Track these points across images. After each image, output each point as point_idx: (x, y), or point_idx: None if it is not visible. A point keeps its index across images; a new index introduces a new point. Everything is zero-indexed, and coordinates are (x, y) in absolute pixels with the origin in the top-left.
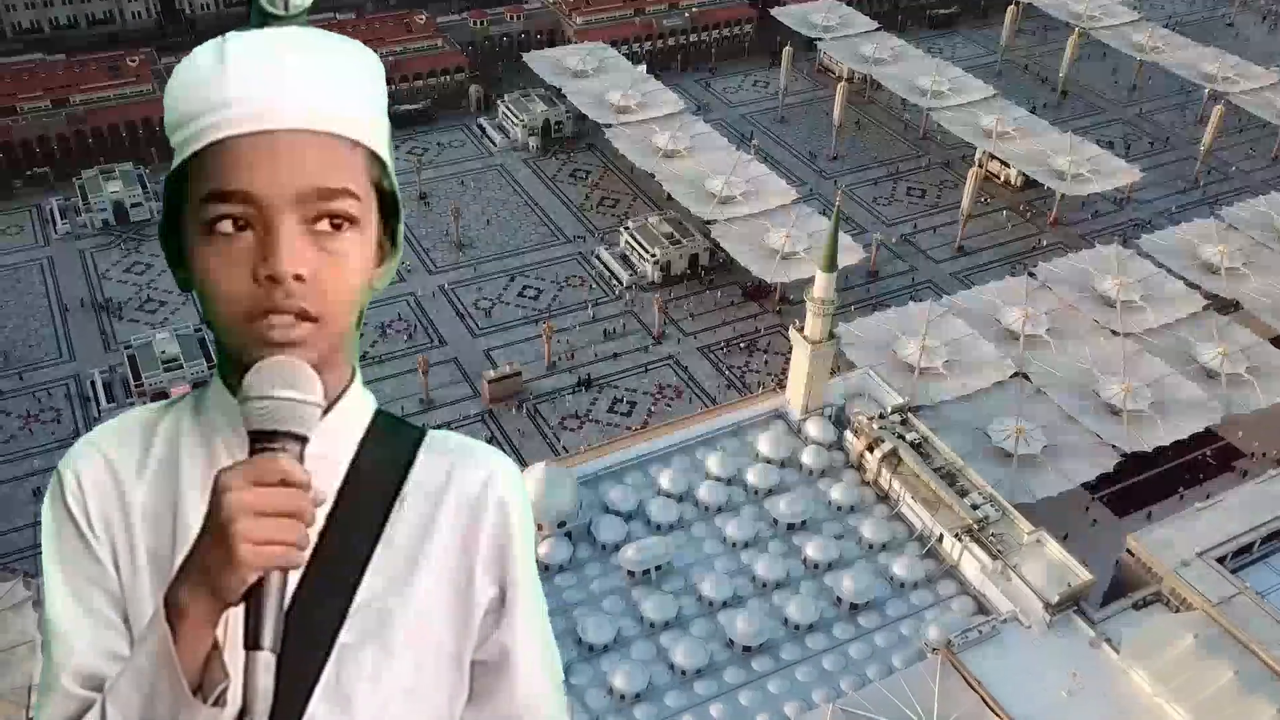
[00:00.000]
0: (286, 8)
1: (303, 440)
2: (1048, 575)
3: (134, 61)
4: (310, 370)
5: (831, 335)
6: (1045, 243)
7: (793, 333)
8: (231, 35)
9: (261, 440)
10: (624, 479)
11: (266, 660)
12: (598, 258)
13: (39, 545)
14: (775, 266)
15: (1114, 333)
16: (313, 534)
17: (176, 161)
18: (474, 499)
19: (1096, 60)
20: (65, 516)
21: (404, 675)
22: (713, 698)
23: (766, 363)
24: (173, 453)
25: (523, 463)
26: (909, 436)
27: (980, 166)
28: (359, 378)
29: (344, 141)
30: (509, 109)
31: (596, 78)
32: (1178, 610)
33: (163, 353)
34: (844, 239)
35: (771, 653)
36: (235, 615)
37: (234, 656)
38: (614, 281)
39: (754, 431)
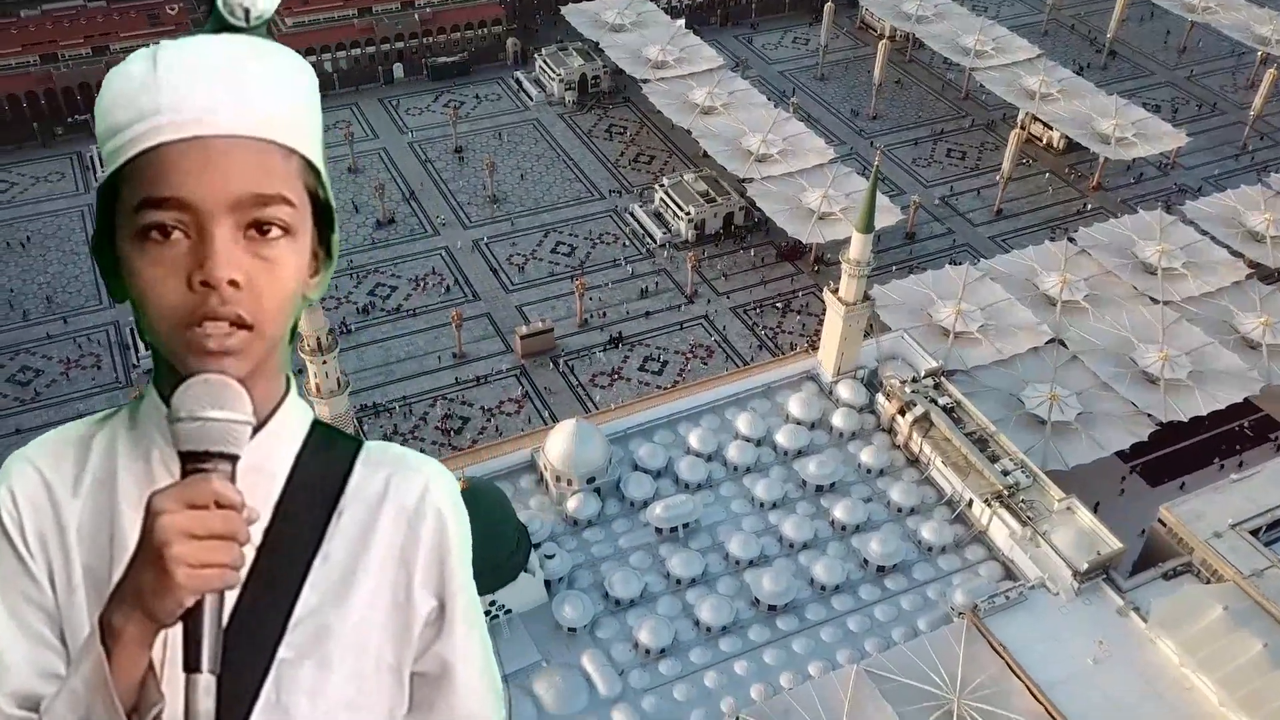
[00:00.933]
0: (247, 19)
1: (234, 459)
2: (1077, 543)
3: (173, 10)
4: (239, 388)
5: (866, 297)
6: (1086, 207)
7: (827, 294)
8: (165, 43)
9: (192, 461)
10: (653, 437)
11: (207, 683)
12: (632, 215)
13: None
14: (811, 226)
15: (1154, 300)
16: (250, 550)
17: (109, 170)
18: (411, 510)
19: (1146, 20)
20: (1, 535)
21: (343, 689)
22: (737, 655)
23: (800, 324)
24: (109, 469)
25: (553, 418)
26: (941, 401)
27: (1022, 128)
28: (294, 389)
29: (278, 149)
30: (546, 63)
31: (635, 32)
32: (1208, 581)
33: None
34: (881, 200)
35: (797, 612)
36: (174, 634)
37: (174, 675)
38: (647, 239)
39: (785, 393)
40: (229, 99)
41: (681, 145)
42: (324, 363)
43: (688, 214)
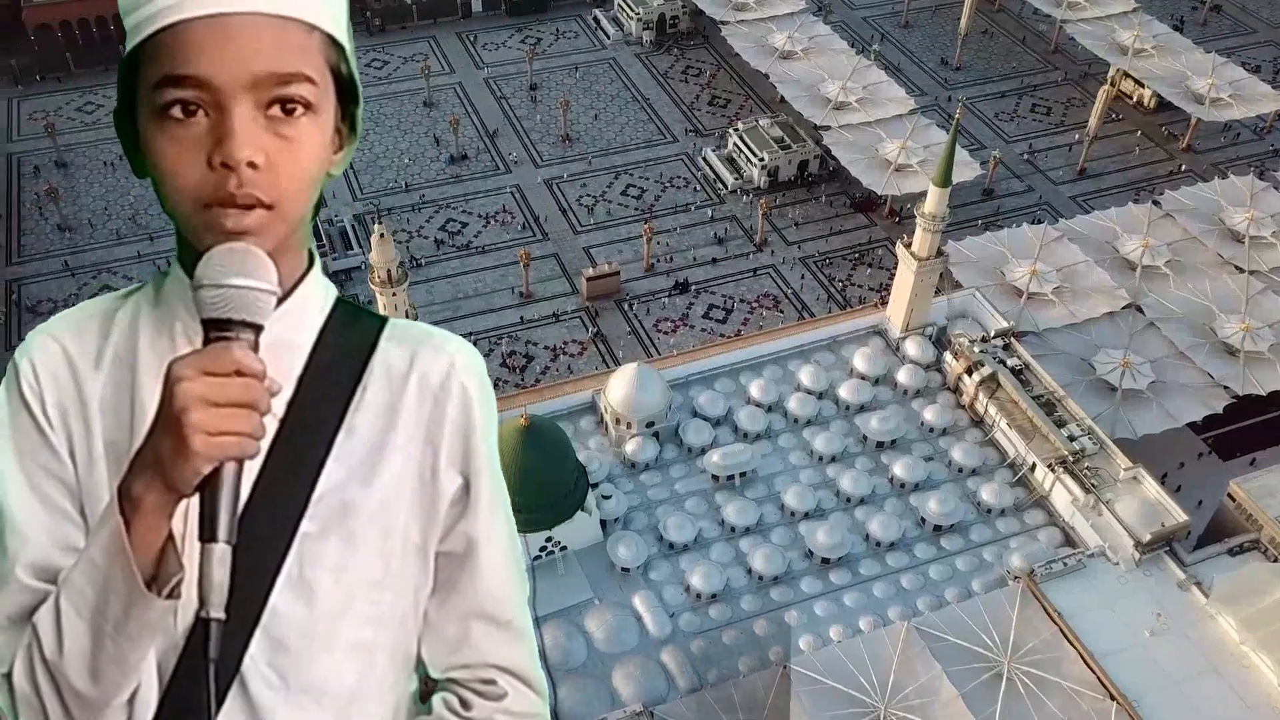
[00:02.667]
0: None
1: (257, 329)
2: (1141, 513)
3: None
4: (263, 256)
5: (939, 253)
6: (1175, 170)
7: (899, 248)
8: None
9: (215, 329)
10: (714, 385)
11: (222, 552)
12: (704, 159)
13: None
14: (887, 178)
15: (1239, 269)
16: (272, 422)
17: (130, 46)
18: (437, 386)
19: None
20: (21, 407)
21: (368, 566)
22: (787, 605)
23: (870, 277)
24: (131, 342)
25: (616, 362)
26: (1010, 362)
27: (1112, 85)
28: (318, 264)
29: (300, 25)
30: (624, 1)
31: None
32: (1276, 560)
33: None
34: (961, 154)
35: (850, 566)
36: (195, 507)
37: (192, 549)
38: (719, 185)
39: (851, 346)
40: None
41: (758, 90)
42: (394, 295)
43: (761, 160)
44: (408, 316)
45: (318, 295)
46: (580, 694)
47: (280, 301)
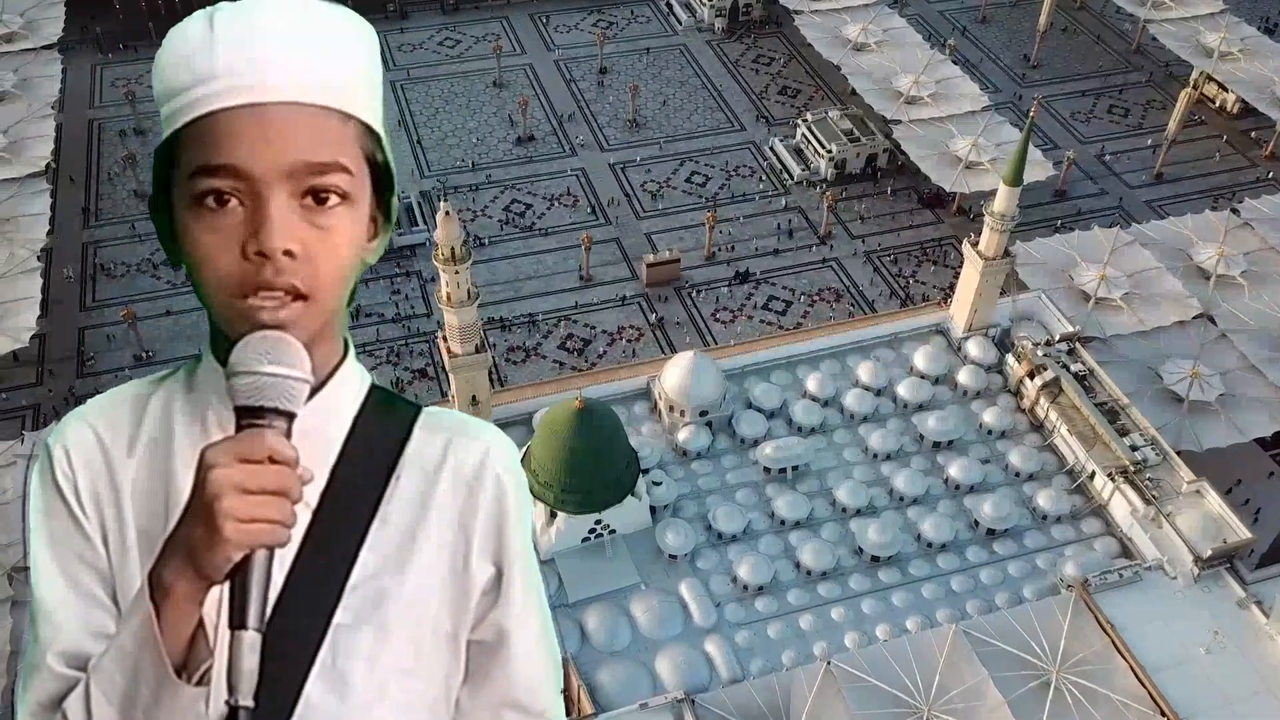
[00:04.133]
0: None
1: (290, 416)
2: (1203, 528)
3: None
4: (297, 344)
5: (1007, 253)
6: (1256, 177)
7: (966, 246)
8: (222, 5)
9: (248, 416)
10: (770, 377)
11: (252, 640)
12: (771, 149)
13: None
14: (957, 175)
15: None
16: (307, 512)
17: (166, 134)
18: (471, 475)
19: None
20: (54, 493)
21: (401, 655)
22: (835, 601)
23: (935, 275)
24: (165, 429)
25: (672, 349)
26: (1074, 367)
27: (1194, 88)
28: (352, 353)
29: (337, 115)
30: None
31: None
32: None
33: None
34: (1034, 153)
35: (900, 566)
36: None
37: (224, 636)
38: (785, 175)
39: (912, 344)
40: (286, 64)
41: (829, 81)
42: (456, 273)
43: (829, 152)
44: (469, 296)
45: (352, 384)
46: (622, 678)
47: (315, 390)
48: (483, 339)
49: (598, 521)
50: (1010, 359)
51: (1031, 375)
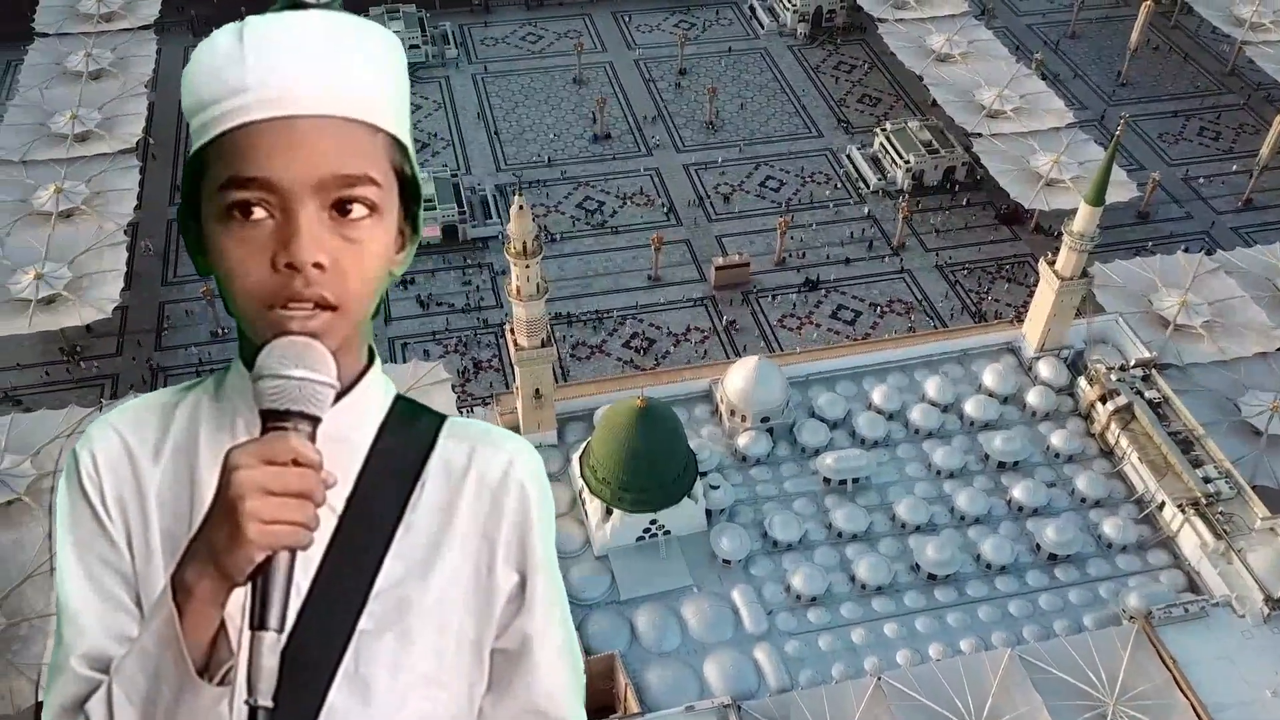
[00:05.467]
0: None
1: (315, 420)
2: (1276, 566)
3: None
4: (323, 349)
5: (1084, 274)
6: None
7: (1043, 265)
8: (251, 19)
9: (273, 420)
10: (835, 387)
11: (272, 641)
12: (848, 157)
13: None
14: (1037, 192)
15: None
16: (332, 519)
17: (195, 146)
18: (495, 484)
19: None
20: (80, 498)
21: (424, 663)
22: (889, 617)
23: (1008, 292)
24: (191, 436)
25: (737, 353)
26: (1148, 394)
27: None
28: (378, 362)
29: (366, 128)
30: None
31: None
32: None
33: None
34: (1118, 173)
35: (957, 585)
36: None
37: (245, 637)
38: (860, 184)
39: (981, 361)
40: (316, 77)
41: (910, 91)
42: (527, 267)
43: (907, 163)
44: (539, 291)
45: (377, 392)
46: (669, 679)
47: (340, 398)
48: (549, 334)
49: (653, 521)
50: (1082, 382)
51: (1104, 400)
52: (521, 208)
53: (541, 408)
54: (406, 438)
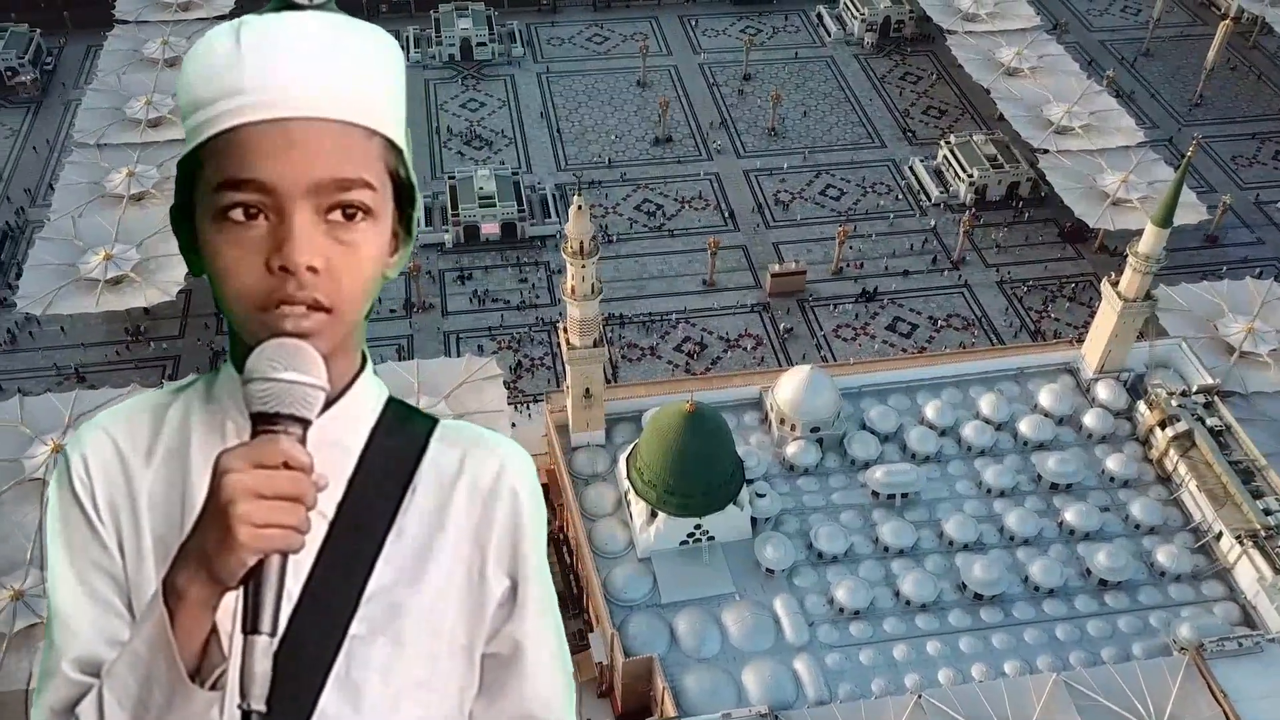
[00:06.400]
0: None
1: (305, 423)
2: None
3: None
4: (313, 352)
5: (1149, 296)
6: None
7: (1106, 285)
8: (248, 19)
9: (263, 423)
10: (888, 400)
11: (265, 645)
12: (910, 169)
13: None
14: (1103, 211)
15: None
16: (323, 523)
17: (189, 147)
18: (487, 489)
19: None
20: (72, 501)
21: (415, 667)
22: (932, 634)
23: (1069, 311)
24: (183, 439)
25: (789, 361)
26: (1210, 421)
27: None
28: (370, 365)
29: (361, 131)
30: (851, 0)
31: None
32: None
33: (480, 189)
34: (1187, 194)
35: (1003, 606)
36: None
37: (238, 641)
38: (922, 196)
39: (1038, 381)
40: (312, 80)
41: (977, 104)
42: (583, 266)
43: (970, 176)
44: (593, 291)
45: (369, 396)
46: (707, 685)
47: (332, 402)
48: (602, 334)
49: (697, 526)
50: (1142, 406)
51: (1163, 425)
52: (580, 207)
53: (591, 407)
54: (399, 442)
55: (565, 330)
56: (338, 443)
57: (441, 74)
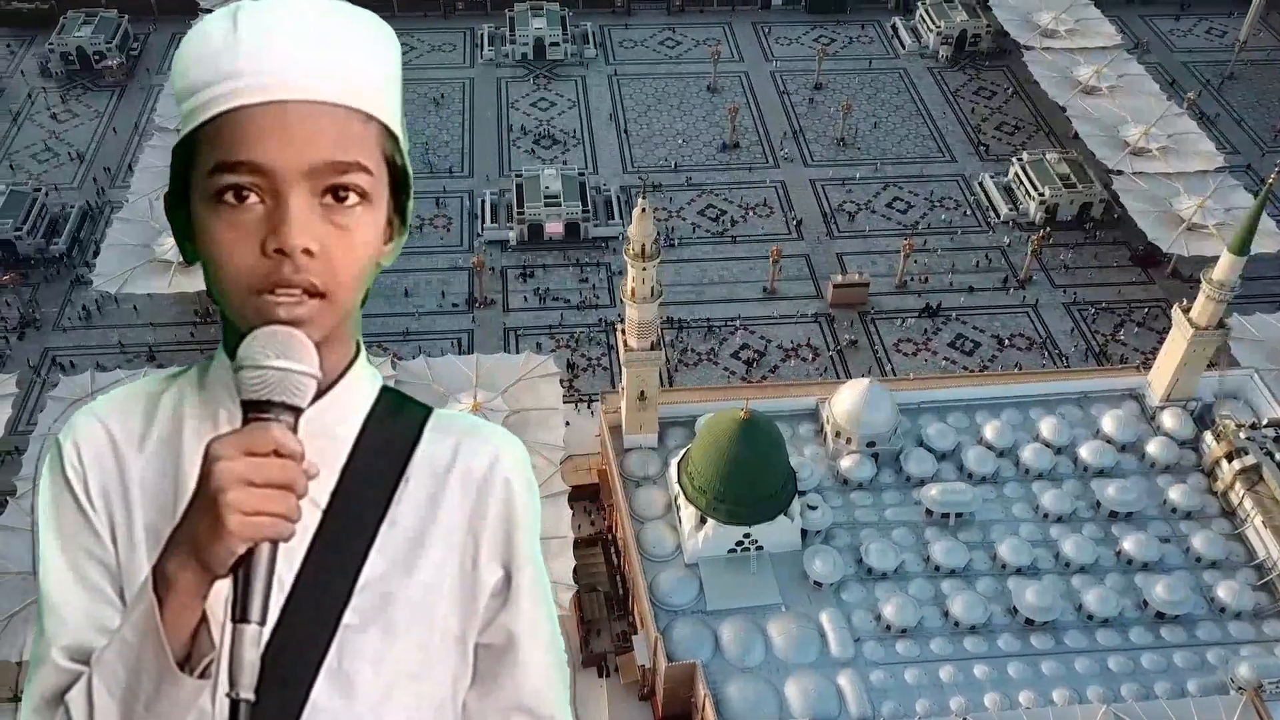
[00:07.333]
0: None
1: (296, 411)
2: None
3: None
4: (305, 339)
5: (1221, 325)
6: None
7: (1176, 312)
8: (245, 4)
9: (254, 410)
10: (947, 418)
11: (254, 634)
12: (980, 184)
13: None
14: (1177, 235)
15: None
16: (316, 512)
17: (185, 131)
18: (480, 478)
19: None
20: (63, 488)
21: (407, 657)
22: (980, 657)
23: (1137, 336)
24: (175, 426)
25: (847, 374)
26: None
27: None
28: (364, 354)
29: (358, 115)
30: (928, 12)
31: None
32: None
33: (546, 188)
34: (1266, 223)
35: (1054, 634)
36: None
37: (227, 629)
38: (990, 213)
39: (1102, 406)
40: (309, 63)
41: (1051, 121)
42: (644, 269)
43: (1041, 195)
44: (653, 294)
45: (363, 384)
46: (750, 695)
47: (325, 390)
48: (659, 337)
49: (746, 535)
50: (1208, 437)
51: (1230, 457)
52: (644, 210)
53: (645, 410)
54: (392, 431)
55: (623, 332)
56: (331, 431)
57: (514, 72)
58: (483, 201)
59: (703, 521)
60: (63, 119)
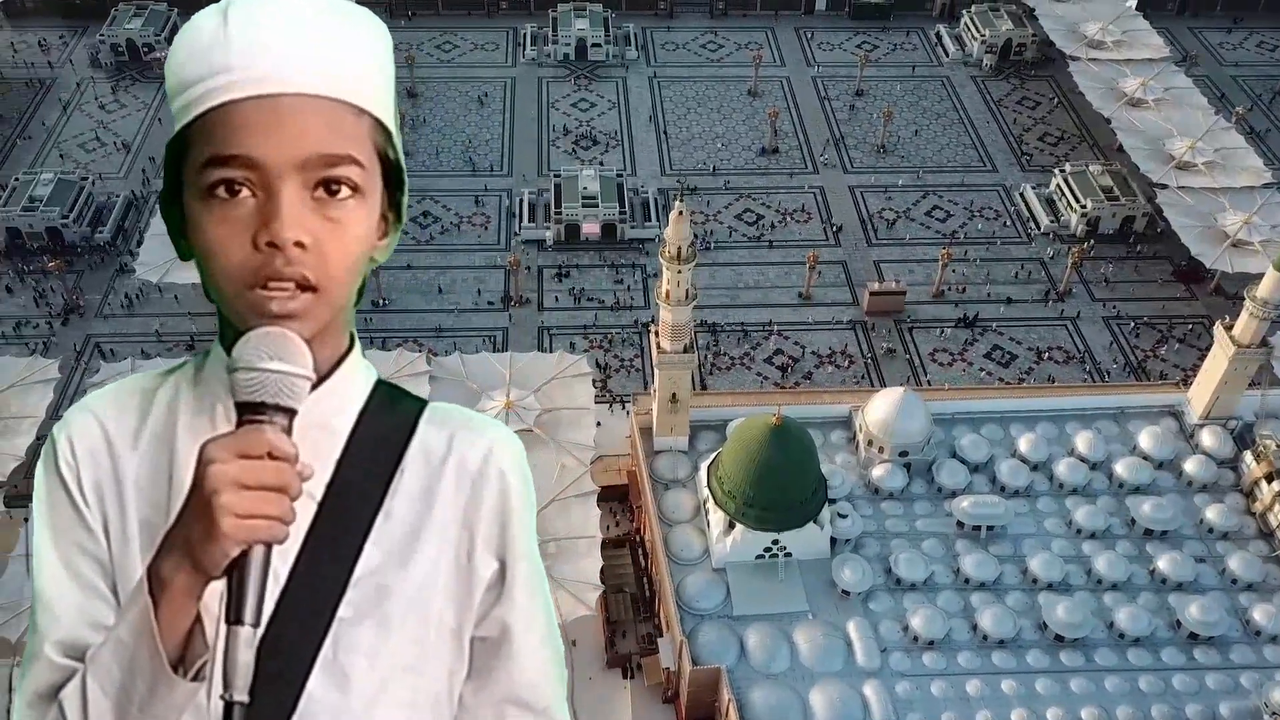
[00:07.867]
0: None
1: (291, 413)
2: None
3: None
4: (299, 341)
5: (1264, 343)
6: None
7: (1219, 329)
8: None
9: (249, 412)
10: (981, 429)
11: (248, 635)
12: (1021, 195)
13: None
14: (1221, 251)
15: None
16: (311, 506)
17: (178, 126)
18: (475, 471)
19: None
20: (57, 483)
21: (403, 651)
22: (1008, 672)
23: (1177, 353)
24: (170, 423)
25: (881, 382)
26: None
27: None
28: (358, 347)
29: (350, 109)
30: (972, 21)
31: (1077, 3)
32: None
33: (584, 189)
34: None
35: (1084, 651)
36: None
37: (221, 631)
38: (1031, 224)
39: (1139, 422)
40: (300, 57)
41: (1095, 133)
42: (679, 271)
43: (1083, 207)
44: (687, 296)
45: (357, 378)
46: (774, 701)
47: (319, 383)
48: (693, 340)
49: (775, 541)
50: (1248, 456)
51: (1270, 478)
52: (681, 213)
53: (676, 412)
54: (387, 424)
55: (657, 334)
56: (326, 425)
57: (555, 73)
58: (521, 200)
59: (731, 526)
60: (111, 109)
